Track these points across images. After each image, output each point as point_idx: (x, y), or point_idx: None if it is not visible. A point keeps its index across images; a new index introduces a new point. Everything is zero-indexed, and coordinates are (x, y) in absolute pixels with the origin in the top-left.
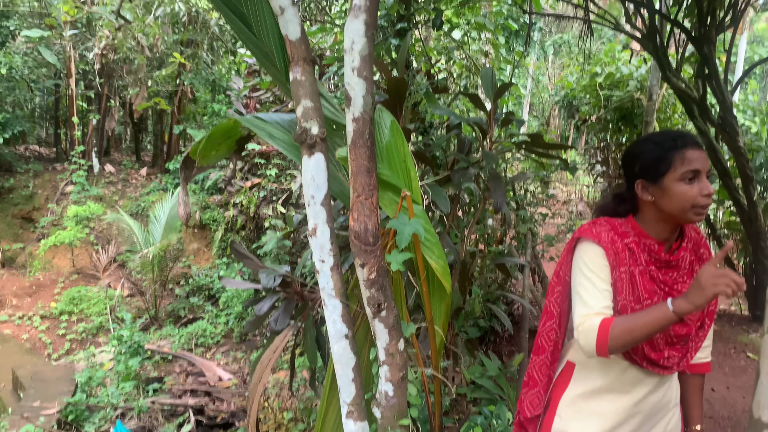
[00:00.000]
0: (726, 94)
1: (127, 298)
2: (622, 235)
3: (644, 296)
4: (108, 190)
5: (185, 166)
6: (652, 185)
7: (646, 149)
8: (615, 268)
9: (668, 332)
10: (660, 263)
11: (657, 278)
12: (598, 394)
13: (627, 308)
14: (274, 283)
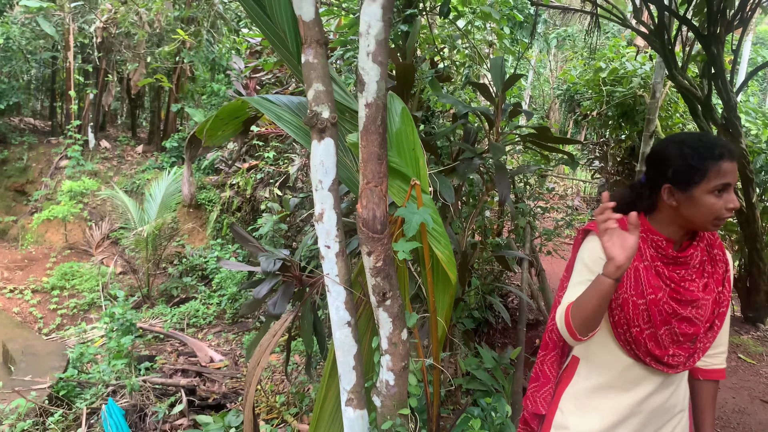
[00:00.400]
0: (731, 94)
1: (119, 275)
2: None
3: (648, 291)
4: (103, 166)
5: (191, 146)
6: (680, 192)
7: (682, 154)
8: None
9: (674, 330)
10: (667, 259)
11: (663, 274)
12: (600, 390)
13: (629, 302)
14: (273, 267)
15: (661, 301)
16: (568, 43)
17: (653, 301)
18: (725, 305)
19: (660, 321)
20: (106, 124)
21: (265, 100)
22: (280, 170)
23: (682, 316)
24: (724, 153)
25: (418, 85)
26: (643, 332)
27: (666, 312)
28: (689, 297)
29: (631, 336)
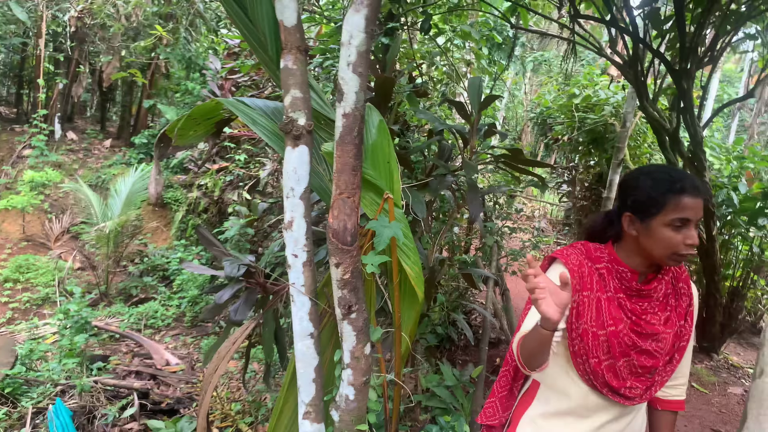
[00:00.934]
0: (698, 128)
1: (77, 271)
2: (595, 260)
3: (608, 322)
4: (68, 158)
5: (160, 144)
6: (638, 222)
7: (644, 185)
8: (578, 291)
9: (632, 362)
10: (631, 292)
11: (625, 306)
12: (558, 416)
13: (588, 332)
14: (237, 273)
15: (621, 332)
16: (544, 67)
17: (613, 333)
18: (686, 339)
19: (619, 353)
20: (74, 116)
21: (240, 103)
22: (250, 174)
23: (641, 348)
24: (686, 188)
25: (395, 99)
26: (602, 363)
27: (626, 344)
28: (650, 330)
29: (590, 366)
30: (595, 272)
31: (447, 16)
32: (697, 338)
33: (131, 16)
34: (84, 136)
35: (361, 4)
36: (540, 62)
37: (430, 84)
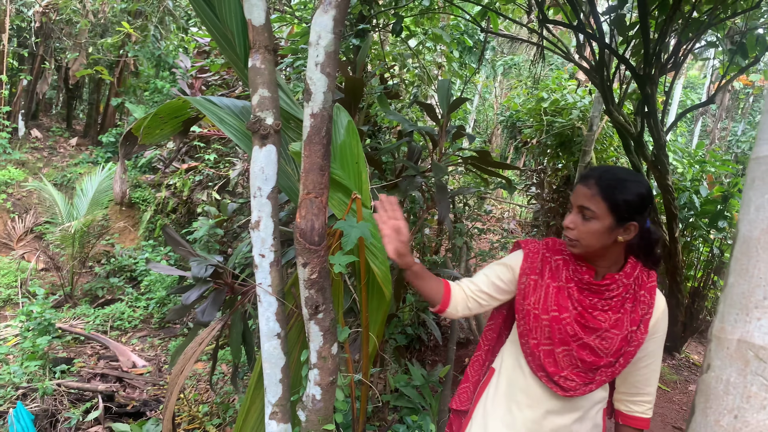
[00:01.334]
0: (661, 133)
1: (41, 272)
2: (555, 252)
3: (552, 308)
4: (32, 156)
5: (126, 142)
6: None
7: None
8: (526, 274)
9: (572, 354)
10: (582, 284)
11: (573, 296)
12: (504, 401)
13: (530, 313)
14: (205, 273)
15: (564, 321)
16: (514, 71)
17: (555, 319)
18: (635, 345)
19: (558, 340)
20: (39, 113)
21: (208, 102)
22: (220, 173)
23: (584, 341)
24: (581, 178)
25: (366, 100)
26: (540, 345)
27: (566, 332)
28: (594, 325)
29: (528, 347)
30: (552, 262)
31: (419, 19)
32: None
33: (99, 13)
34: (49, 134)
35: (329, 5)
36: (510, 66)
37: (402, 86)
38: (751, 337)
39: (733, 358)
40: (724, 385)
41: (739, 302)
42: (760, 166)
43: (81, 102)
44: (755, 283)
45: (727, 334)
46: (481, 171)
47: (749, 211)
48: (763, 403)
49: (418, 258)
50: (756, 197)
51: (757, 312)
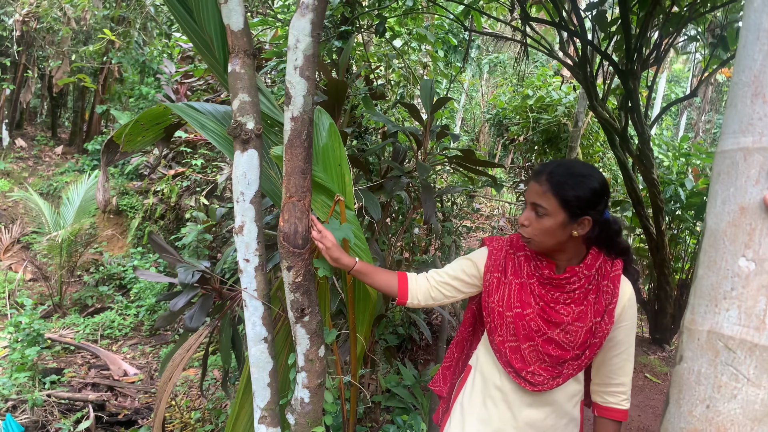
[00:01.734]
0: (645, 127)
1: (29, 282)
2: (518, 248)
3: (515, 305)
4: (17, 166)
5: (108, 150)
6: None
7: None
8: (490, 272)
9: (538, 348)
10: (543, 279)
11: (535, 292)
12: (482, 399)
13: (495, 311)
14: (191, 279)
15: (528, 317)
16: (499, 69)
17: (518, 315)
18: (600, 336)
19: (523, 336)
20: (23, 122)
21: (189, 107)
22: (207, 179)
23: (548, 336)
24: (533, 174)
25: (351, 101)
26: (505, 342)
27: (531, 328)
28: (557, 319)
29: (495, 344)
30: (515, 258)
31: (402, 19)
32: (650, 330)
33: (80, 20)
34: (34, 143)
35: (307, 9)
36: (495, 64)
37: (388, 86)
38: (721, 328)
39: (703, 348)
40: (695, 375)
41: (708, 294)
42: (725, 159)
43: (66, 110)
44: (723, 275)
45: (698, 325)
46: (466, 170)
47: (716, 204)
48: (734, 393)
49: (408, 257)
50: (722, 190)
51: (726, 303)
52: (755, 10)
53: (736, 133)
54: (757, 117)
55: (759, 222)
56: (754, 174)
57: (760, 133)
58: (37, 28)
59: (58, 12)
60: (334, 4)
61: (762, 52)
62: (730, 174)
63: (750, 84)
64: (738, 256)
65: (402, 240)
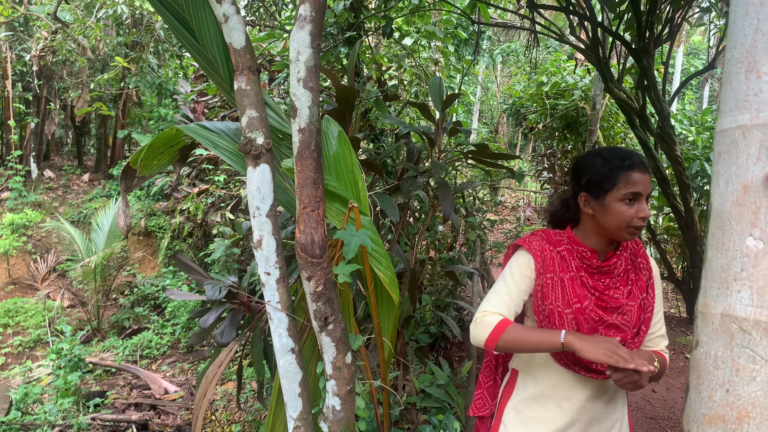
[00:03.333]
0: (664, 104)
1: (67, 309)
2: (555, 244)
3: (573, 300)
4: (47, 197)
5: (125, 176)
6: (594, 200)
7: (595, 164)
8: (541, 274)
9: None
10: (592, 269)
11: (587, 283)
12: (538, 401)
13: (554, 312)
14: (219, 295)
15: (587, 309)
16: (512, 58)
17: (579, 310)
18: (650, 311)
19: (587, 329)
20: (50, 153)
21: (201, 128)
22: (231, 193)
23: (608, 323)
24: (634, 164)
25: (364, 104)
26: None
27: (593, 319)
28: (614, 304)
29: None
30: (557, 255)
31: (410, 18)
32: (687, 309)
33: (95, 49)
34: (62, 173)
35: (305, 21)
36: (508, 54)
37: (401, 86)
38: (733, 310)
39: (718, 332)
40: (713, 360)
41: (719, 276)
42: (724, 138)
43: (90, 138)
44: (731, 255)
45: (711, 309)
46: (482, 164)
47: (719, 184)
48: (752, 375)
49: (432, 256)
50: (724, 170)
51: (737, 284)
52: None
53: (733, 111)
54: (753, 93)
55: (764, 200)
56: (754, 151)
57: (757, 109)
58: (54, 61)
59: (72, 44)
60: (338, 11)
61: (752, 26)
62: (730, 153)
63: (743, 60)
64: (745, 235)
65: (426, 239)
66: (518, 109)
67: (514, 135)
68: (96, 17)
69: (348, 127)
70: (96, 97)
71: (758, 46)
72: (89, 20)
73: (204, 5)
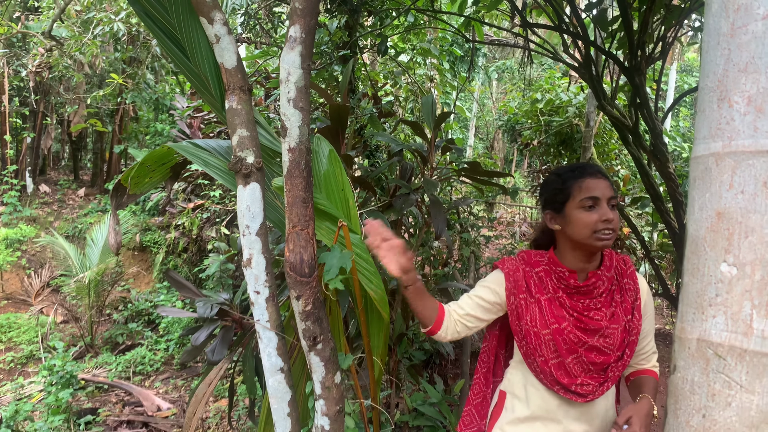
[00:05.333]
0: (656, 122)
1: (60, 324)
2: (534, 265)
3: (551, 321)
4: (42, 211)
5: (116, 194)
6: (556, 215)
7: (549, 181)
8: (513, 294)
9: (582, 359)
10: (570, 290)
11: (566, 304)
12: (524, 422)
13: (530, 333)
14: (211, 312)
15: (566, 330)
16: (507, 75)
17: (557, 331)
18: (635, 333)
19: (566, 350)
20: (46, 168)
21: (193, 146)
22: (227, 208)
23: (589, 345)
24: (585, 172)
25: (359, 121)
26: (548, 362)
27: (571, 341)
28: (594, 326)
29: (537, 365)
30: (534, 276)
31: (405, 36)
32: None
33: (92, 65)
34: (57, 188)
35: (295, 42)
36: (503, 70)
37: (396, 102)
38: (709, 336)
39: (694, 357)
40: (689, 385)
41: (695, 301)
42: (698, 165)
43: (86, 152)
44: (706, 281)
45: (687, 333)
46: (474, 182)
47: (694, 210)
48: (728, 400)
49: (426, 272)
50: (698, 196)
51: (712, 310)
52: (713, 15)
53: (706, 139)
54: (725, 121)
55: (736, 227)
56: (726, 179)
57: (729, 137)
58: (50, 77)
59: (68, 60)
60: (333, 30)
61: (723, 56)
62: (704, 179)
63: (715, 89)
64: (719, 261)
65: (421, 254)
66: (513, 126)
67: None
68: (93, 34)
69: (341, 145)
70: (93, 113)
71: (729, 76)
72: (86, 37)
73: (196, 26)
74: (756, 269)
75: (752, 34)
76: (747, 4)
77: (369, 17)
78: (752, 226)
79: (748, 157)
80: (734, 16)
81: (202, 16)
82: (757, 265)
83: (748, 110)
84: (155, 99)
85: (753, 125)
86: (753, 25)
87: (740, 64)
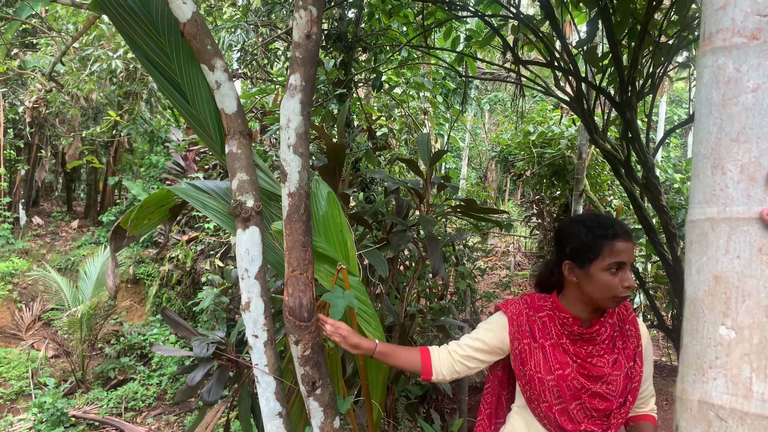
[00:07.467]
0: (647, 155)
1: (51, 359)
2: (538, 309)
3: (555, 366)
4: (35, 244)
5: (115, 236)
6: (578, 269)
7: (578, 233)
8: (517, 339)
9: (585, 405)
10: (573, 336)
11: (569, 350)
12: None
13: (534, 378)
14: (206, 352)
15: (569, 376)
16: (499, 107)
17: (561, 377)
18: (637, 380)
19: (570, 396)
20: (39, 199)
21: (192, 187)
22: (221, 241)
23: (592, 391)
24: (618, 233)
25: (355, 155)
26: (552, 407)
27: (575, 387)
28: (597, 373)
29: (541, 411)
30: (537, 321)
31: (399, 70)
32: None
33: (89, 99)
34: (50, 220)
35: (295, 90)
36: (495, 102)
37: (391, 135)
38: (710, 398)
39: (696, 419)
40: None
41: (695, 363)
42: (695, 228)
43: (80, 183)
44: (706, 343)
45: (688, 395)
46: (469, 218)
47: (691, 273)
48: None
49: (422, 308)
50: (695, 259)
51: (712, 372)
52: (705, 85)
53: (701, 204)
54: (719, 188)
55: (733, 290)
56: (722, 244)
57: (723, 203)
58: (45, 114)
59: (65, 96)
60: (329, 69)
61: (716, 125)
62: (701, 243)
63: (709, 156)
64: (717, 324)
65: (417, 288)
66: (506, 157)
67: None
68: (90, 70)
69: (338, 183)
70: (88, 145)
71: (722, 145)
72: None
73: (197, 72)
74: (754, 333)
75: (743, 106)
76: (737, 77)
77: (364, 53)
78: (749, 290)
79: (743, 224)
80: (725, 88)
81: (203, 63)
82: (755, 329)
83: (741, 178)
84: (150, 131)
85: (746, 193)
86: (743, 97)
87: (732, 134)
